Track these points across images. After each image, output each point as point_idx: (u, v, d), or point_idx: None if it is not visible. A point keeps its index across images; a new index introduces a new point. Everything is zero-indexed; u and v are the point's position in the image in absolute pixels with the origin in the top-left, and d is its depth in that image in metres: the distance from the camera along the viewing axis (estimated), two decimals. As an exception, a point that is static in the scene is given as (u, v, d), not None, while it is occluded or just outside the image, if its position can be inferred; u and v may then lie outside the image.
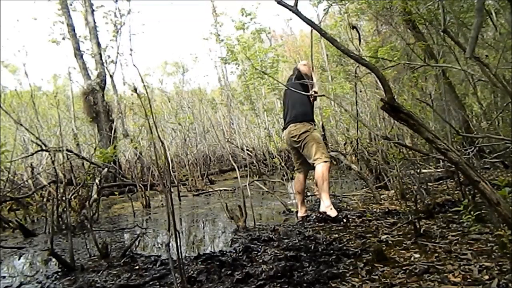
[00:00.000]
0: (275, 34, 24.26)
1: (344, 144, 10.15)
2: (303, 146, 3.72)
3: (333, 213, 3.42)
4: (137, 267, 2.50)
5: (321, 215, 3.47)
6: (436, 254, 2.11)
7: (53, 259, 2.73)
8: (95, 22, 10.30)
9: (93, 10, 10.30)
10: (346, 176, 7.34)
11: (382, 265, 2.03)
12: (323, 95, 3.74)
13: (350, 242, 2.59)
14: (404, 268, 1.96)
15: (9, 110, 7.92)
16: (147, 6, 41.13)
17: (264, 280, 1.96)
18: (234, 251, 2.59)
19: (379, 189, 4.66)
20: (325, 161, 3.60)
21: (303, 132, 3.70)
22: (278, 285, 1.90)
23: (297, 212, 3.86)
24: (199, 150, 11.02)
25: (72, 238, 2.73)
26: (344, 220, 3.35)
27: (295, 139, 3.74)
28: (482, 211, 2.48)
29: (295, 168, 4.00)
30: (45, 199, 5.34)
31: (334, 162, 9.92)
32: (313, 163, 3.67)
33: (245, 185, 3.96)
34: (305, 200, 4.00)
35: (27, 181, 6.76)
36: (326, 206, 3.49)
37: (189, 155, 9.73)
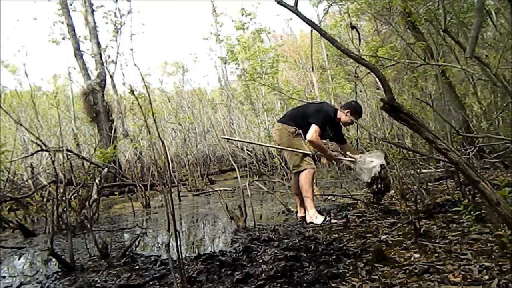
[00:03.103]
0: (275, 34, 24.20)
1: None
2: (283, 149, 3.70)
3: (319, 220, 3.39)
4: (137, 267, 2.50)
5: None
6: (436, 254, 2.11)
7: (53, 259, 2.73)
8: (95, 22, 10.29)
9: (93, 10, 10.30)
10: (346, 176, 7.34)
11: (382, 265, 2.03)
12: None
13: (350, 242, 2.58)
14: (404, 268, 1.96)
15: (9, 110, 7.92)
16: (147, 6, 41.12)
17: (264, 280, 1.96)
18: (234, 251, 2.59)
19: (379, 189, 4.64)
20: (305, 169, 3.51)
21: (283, 133, 3.63)
22: (278, 285, 1.90)
23: (297, 212, 3.86)
24: (199, 150, 11.02)
25: (72, 238, 2.73)
26: (329, 218, 3.39)
27: (276, 139, 3.73)
28: (482, 211, 2.48)
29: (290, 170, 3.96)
30: (45, 199, 5.33)
31: (334, 162, 9.94)
32: (293, 170, 3.62)
33: (245, 185, 3.96)
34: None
35: (27, 181, 6.76)
36: (311, 216, 3.45)
37: (189, 155, 9.72)
